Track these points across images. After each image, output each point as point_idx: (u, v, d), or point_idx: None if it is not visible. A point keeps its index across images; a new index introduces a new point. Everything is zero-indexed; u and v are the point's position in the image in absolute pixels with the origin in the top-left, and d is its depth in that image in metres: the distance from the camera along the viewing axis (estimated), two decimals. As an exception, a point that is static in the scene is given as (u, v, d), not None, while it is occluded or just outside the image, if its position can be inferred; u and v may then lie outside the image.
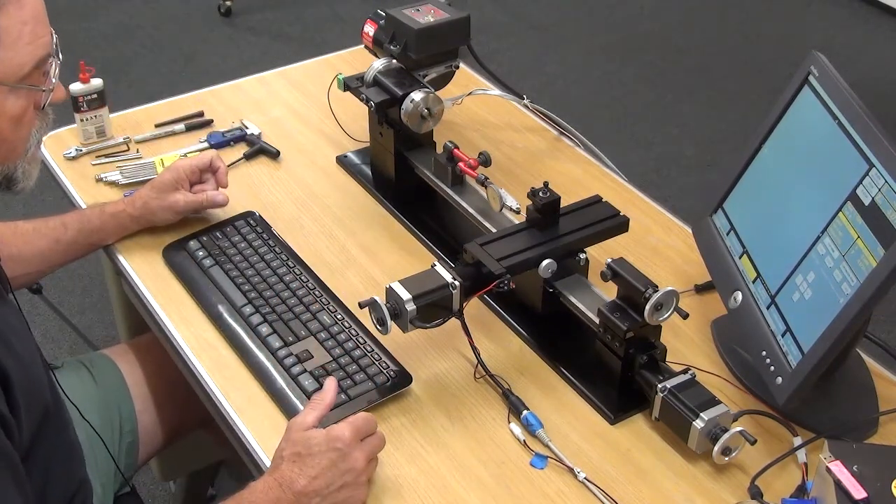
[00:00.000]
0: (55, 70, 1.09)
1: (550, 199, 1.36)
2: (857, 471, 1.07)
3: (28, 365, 1.12)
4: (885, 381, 1.34)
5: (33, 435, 1.13)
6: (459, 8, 1.61)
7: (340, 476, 1.12)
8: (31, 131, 1.10)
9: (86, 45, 3.77)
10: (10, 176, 1.12)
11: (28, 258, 1.46)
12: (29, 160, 1.12)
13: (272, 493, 1.10)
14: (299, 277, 1.46)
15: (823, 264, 1.19)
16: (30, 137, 1.10)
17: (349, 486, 1.12)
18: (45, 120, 1.13)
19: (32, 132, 1.10)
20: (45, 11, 1.06)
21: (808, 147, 1.30)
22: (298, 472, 1.11)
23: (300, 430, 1.14)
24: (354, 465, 1.13)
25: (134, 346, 1.62)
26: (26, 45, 1.03)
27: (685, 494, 1.19)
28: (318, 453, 1.11)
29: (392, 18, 1.60)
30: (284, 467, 1.12)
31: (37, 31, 1.04)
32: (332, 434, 1.12)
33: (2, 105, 1.05)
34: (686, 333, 1.41)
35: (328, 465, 1.11)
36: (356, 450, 1.13)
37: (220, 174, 1.55)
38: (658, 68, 3.75)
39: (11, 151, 1.10)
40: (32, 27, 1.03)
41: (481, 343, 1.35)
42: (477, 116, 1.87)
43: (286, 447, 1.13)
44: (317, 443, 1.12)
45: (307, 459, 1.11)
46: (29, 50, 1.03)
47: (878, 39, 3.97)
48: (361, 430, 1.15)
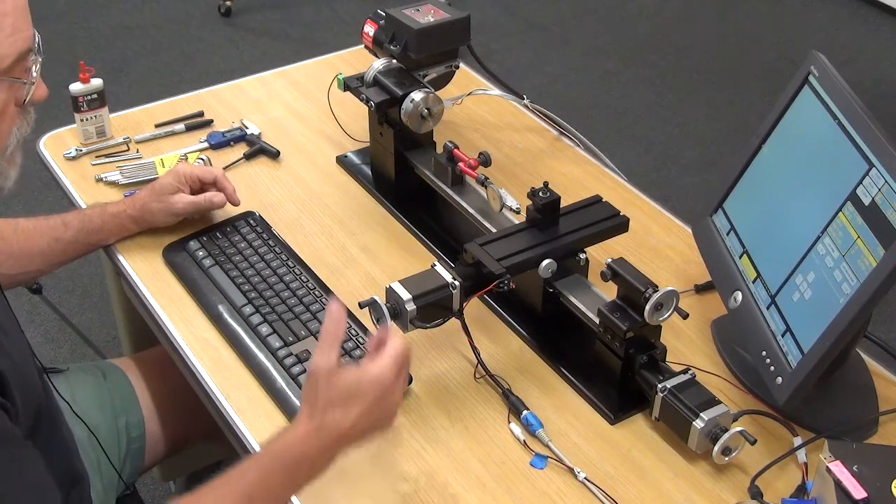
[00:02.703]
0: (37, 66, 1.08)
1: (550, 199, 1.36)
2: (857, 471, 1.07)
3: (20, 363, 1.11)
4: (885, 381, 1.34)
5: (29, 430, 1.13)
6: (459, 8, 1.61)
7: (381, 412, 1.10)
8: (12, 128, 1.09)
9: (86, 45, 3.77)
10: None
11: (28, 256, 1.46)
12: (8, 159, 1.10)
13: (313, 441, 1.07)
14: (299, 277, 1.46)
15: (823, 264, 1.19)
16: (10, 135, 1.09)
17: (387, 418, 1.12)
18: (27, 119, 1.11)
19: (13, 129, 1.09)
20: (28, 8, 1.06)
21: (808, 147, 1.30)
22: (342, 417, 1.07)
23: (329, 375, 1.07)
24: (394, 399, 1.11)
25: (144, 359, 1.62)
26: (7, 36, 1.02)
27: (685, 494, 1.19)
28: (361, 396, 1.07)
29: (392, 18, 1.60)
30: (323, 413, 1.07)
31: (18, 25, 1.03)
32: (372, 375, 1.08)
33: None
34: (686, 333, 1.41)
35: (371, 407, 1.08)
36: (397, 382, 1.10)
37: (229, 193, 1.54)
38: (658, 68, 3.75)
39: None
40: (13, 20, 1.02)
41: (481, 343, 1.35)
42: (477, 116, 1.87)
43: (320, 392, 1.07)
44: (359, 386, 1.07)
45: (351, 403, 1.07)
46: (10, 42, 1.02)
47: (878, 39, 3.97)
48: (397, 366, 1.10)
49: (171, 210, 1.51)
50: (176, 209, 1.51)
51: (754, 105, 3.47)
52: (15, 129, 1.09)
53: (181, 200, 1.51)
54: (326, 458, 1.09)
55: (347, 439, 1.09)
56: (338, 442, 1.09)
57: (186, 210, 1.52)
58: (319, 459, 1.09)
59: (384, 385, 1.09)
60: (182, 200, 1.51)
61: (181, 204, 1.51)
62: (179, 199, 1.51)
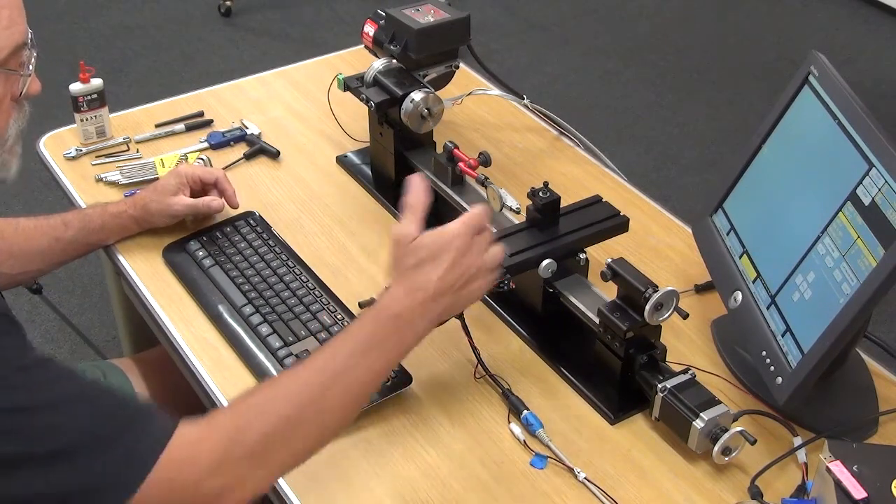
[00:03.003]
0: (32, 60, 1.09)
1: (550, 199, 1.36)
2: (857, 471, 1.07)
3: None
4: (885, 381, 1.34)
5: None
6: (459, 8, 1.61)
7: (464, 271, 1.14)
8: (10, 121, 1.10)
9: (86, 45, 3.77)
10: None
11: (28, 256, 1.46)
12: (8, 150, 1.12)
13: (407, 300, 1.11)
14: (299, 277, 1.46)
15: (823, 264, 1.19)
16: (8, 127, 1.10)
17: (473, 279, 1.15)
18: (22, 112, 1.13)
19: (11, 122, 1.11)
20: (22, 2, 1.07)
21: (808, 147, 1.30)
22: (425, 276, 1.12)
23: (411, 241, 1.13)
24: (474, 259, 1.15)
25: (143, 359, 1.62)
26: (4, 29, 1.03)
27: (685, 494, 1.19)
28: (439, 254, 1.12)
29: (392, 18, 1.60)
30: (410, 275, 1.12)
31: (13, 18, 1.04)
32: (447, 233, 1.14)
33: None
34: (686, 333, 1.41)
35: (452, 263, 1.12)
36: (473, 245, 1.15)
37: (229, 196, 1.55)
38: (658, 68, 3.75)
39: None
40: (9, 12, 1.04)
41: (481, 343, 1.35)
42: (477, 116, 1.87)
43: (405, 259, 1.13)
44: (438, 244, 1.13)
45: (431, 262, 1.12)
46: (6, 34, 1.03)
47: (878, 39, 3.97)
48: (473, 226, 1.15)
49: (169, 211, 1.51)
50: (174, 210, 1.51)
51: (754, 105, 3.47)
52: (12, 121, 1.10)
53: (180, 203, 1.51)
54: (424, 317, 1.12)
55: (437, 301, 1.12)
56: (432, 299, 1.12)
57: (184, 212, 1.52)
58: (417, 318, 1.12)
59: (461, 241, 1.13)
60: (181, 203, 1.51)
61: (179, 206, 1.51)
62: (178, 201, 1.51)
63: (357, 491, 1.19)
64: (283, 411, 1.04)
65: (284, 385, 1.07)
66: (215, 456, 1.00)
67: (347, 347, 1.09)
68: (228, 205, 1.56)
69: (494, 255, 1.19)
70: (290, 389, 1.06)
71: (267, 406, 1.04)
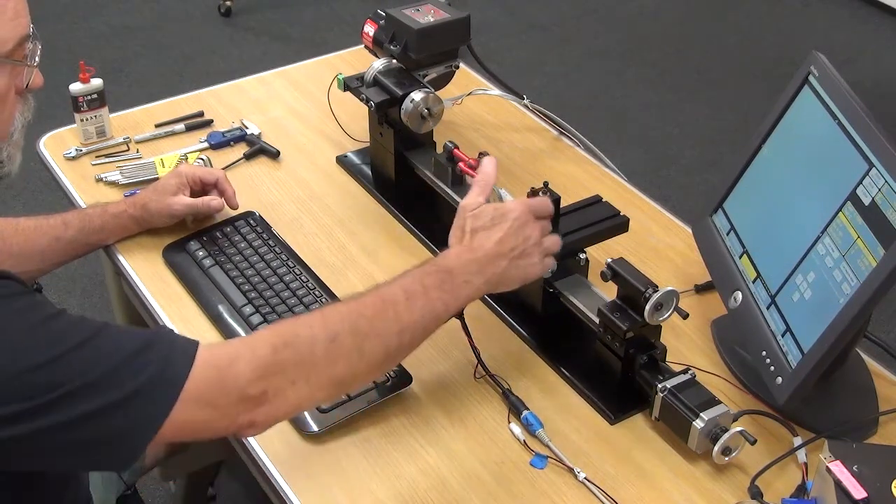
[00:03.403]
0: (37, 51, 1.10)
1: (550, 199, 1.36)
2: (857, 471, 1.07)
3: None
4: (885, 381, 1.34)
5: None
6: (459, 8, 1.61)
7: (522, 242, 1.20)
8: (15, 114, 1.11)
9: (86, 45, 3.77)
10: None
11: (28, 256, 1.46)
12: (13, 144, 1.12)
13: (464, 256, 1.17)
14: (299, 277, 1.46)
15: (823, 264, 1.19)
16: (13, 120, 1.11)
17: (529, 254, 1.21)
18: (27, 105, 1.14)
19: (16, 115, 1.11)
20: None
21: (808, 147, 1.30)
22: (485, 237, 1.18)
23: (476, 207, 1.21)
24: (531, 233, 1.21)
25: None
26: (10, 20, 1.04)
27: (685, 494, 1.19)
28: (498, 222, 1.19)
29: (392, 18, 1.60)
30: (469, 238, 1.19)
31: (18, 10, 1.05)
32: (506, 206, 1.21)
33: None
34: (686, 333, 1.41)
35: (509, 232, 1.19)
36: (530, 222, 1.21)
37: (229, 197, 1.56)
38: (658, 68, 3.75)
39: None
40: (14, 4, 1.05)
41: (481, 343, 1.35)
42: (477, 116, 1.87)
43: (466, 224, 1.20)
44: (495, 213, 1.20)
45: (490, 228, 1.19)
46: (12, 26, 1.04)
47: (878, 39, 3.97)
48: (534, 207, 1.23)
49: (168, 211, 1.51)
50: (173, 210, 1.51)
51: (754, 105, 3.47)
52: (18, 114, 1.12)
53: (179, 202, 1.51)
54: (477, 277, 1.17)
55: (493, 263, 1.18)
56: (487, 260, 1.18)
57: (184, 212, 1.52)
58: (471, 275, 1.17)
59: (521, 213, 1.21)
60: (180, 202, 1.51)
61: (179, 206, 1.51)
62: (178, 200, 1.51)
63: (357, 491, 1.19)
64: (325, 336, 1.06)
65: (335, 307, 1.10)
66: (254, 363, 1.02)
67: (398, 286, 1.12)
68: (228, 205, 1.56)
69: (552, 241, 1.24)
70: (341, 311, 1.09)
71: (314, 326, 1.06)
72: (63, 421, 0.93)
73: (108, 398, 0.94)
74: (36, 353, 0.93)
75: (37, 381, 0.93)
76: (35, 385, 0.92)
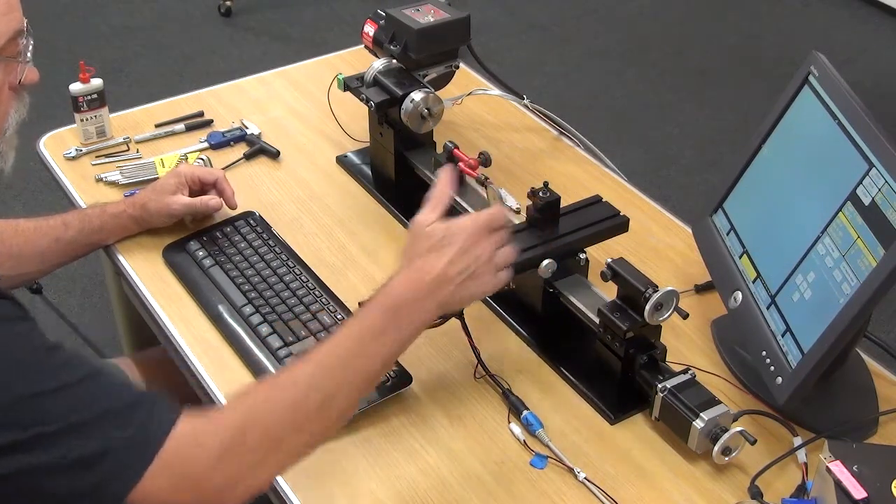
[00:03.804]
0: (29, 48, 1.09)
1: (550, 199, 1.36)
2: (857, 471, 1.07)
3: None
4: (885, 381, 1.34)
5: None
6: (459, 8, 1.61)
7: (471, 263, 1.15)
8: (9, 110, 1.10)
9: (86, 45, 3.76)
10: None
11: (28, 257, 1.46)
12: (6, 142, 1.12)
13: (411, 284, 1.13)
14: (299, 277, 1.46)
15: (823, 264, 1.19)
16: (8, 116, 1.10)
17: (479, 274, 1.16)
18: (22, 102, 1.13)
19: (10, 112, 1.11)
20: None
21: (808, 147, 1.30)
22: (434, 260, 1.13)
23: (426, 226, 1.16)
24: (483, 252, 1.16)
25: (143, 359, 1.62)
26: (2, 15, 1.04)
27: (685, 494, 1.19)
28: (448, 243, 1.14)
29: (392, 18, 1.60)
30: (417, 260, 1.14)
31: (11, 4, 1.05)
32: (458, 224, 1.16)
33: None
34: (686, 333, 1.41)
35: (459, 253, 1.14)
36: (483, 239, 1.16)
37: (227, 197, 1.56)
38: (658, 68, 3.75)
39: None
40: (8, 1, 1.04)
41: (481, 343, 1.35)
42: (477, 116, 1.87)
43: (416, 245, 1.16)
44: (448, 233, 1.15)
45: (438, 249, 1.14)
46: (5, 21, 1.04)
47: (878, 39, 3.97)
48: (487, 221, 1.17)
49: (167, 210, 1.51)
50: (172, 209, 1.51)
51: (754, 105, 3.47)
52: (12, 111, 1.11)
53: (178, 202, 1.51)
54: (426, 302, 1.13)
55: (443, 286, 1.13)
56: (436, 287, 1.13)
57: (182, 212, 1.52)
58: (420, 303, 1.13)
59: (471, 232, 1.15)
60: (179, 202, 1.51)
61: (177, 205, 1.51)
62: (176, 200, 1.51)
63: (357, 491, 1.19)
64: (288, 404, 1.04)
65: (289, 379, 1.07)
66: (222, 446, 1.00)
67: (350, 337, 1.10)
68: (227, 205, 1.56)
69: (505, 255, 1.19)
70: (296, 382, 1.06)
71: (272, 398, 1.05)
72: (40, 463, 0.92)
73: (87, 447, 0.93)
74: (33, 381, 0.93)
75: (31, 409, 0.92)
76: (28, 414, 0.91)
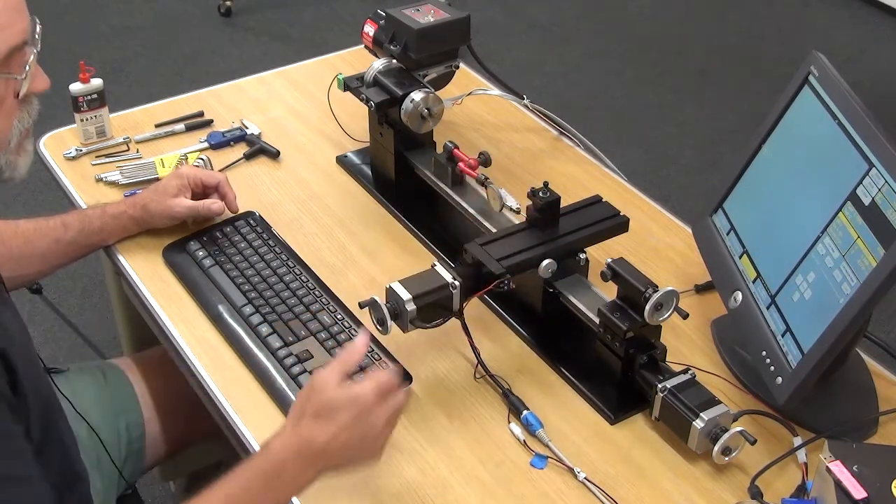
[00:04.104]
0: (32, 59, 1.08)
1: (550, 199, 1.36)
2: (857, 471, 1.07)
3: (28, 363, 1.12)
4: (885, 381, 1.34)
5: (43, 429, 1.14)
6: (459, 8, 1.61)
7: (360, 435, 1.10)
8: (12, 121, 1.09)
9: (86, 45, 3.76)
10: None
11: (28, 258, 1.46)
12: (14, 151, 1.10)
13: (291, 451, 1.09)
14: (299, 277, 1.46)
15: (823, 264, 1.19)
16: (11, 128, 1.09)
17: (368, 445, 1.12)
18: (30, 109, 1.11)
19: (14, 122, 1.09)
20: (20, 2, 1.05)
21: (808, 147, 1.30)
22: (319, 430, 1.09)
23: (319, 388, 1.11)
24: (375, 423, 1.11)
25: (144, 359, 1.62)
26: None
27: (685, 494, 1.19)
28: (339, 411, 1.09)
29: (392, 18, 1.60)
30: (304, 424, 1.10)
31: (8, 20, 1.02)
32: (354, 392, 1.10)
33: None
34: (686, 333, 1.41)
35: (349, 424, 1.09)
36: (377, 408, 1.11)
37: (229, 201, 1.55)
38: (658, 68, 3.75)
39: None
40: (4, 18, 1.02)
41: (481, 343, 1.35)
42: (477, 116, 1.87)
43: (307, 403, 1.11)
44: (338, 400, 1.10)
45: (328, 417, 1.09)
46: (1, 38, 1.02)
47: (878, 39, 3.97)
48: (384, 388, 1.12)
49: (169, 213, 1.51)
50: (174, 212, 1.51)
51: (754, 105, 3.47)
52: (15, 121, 1.09)
53: (180, 205, 1.50)
54: (306, 473, 1.10)
55: (326, 457, 1.10)
56: (318, 457, 1.09)
57: (185, 215, 1.52)
58: (299, 473, 1.09)
59: (361, 406, 1.10)
60: (181, 205, 1.51)
61: (180, 208, 1.51)
62: (179, 203, 1.50)
63: (357, 491, 1.19)
64: None
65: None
66: None
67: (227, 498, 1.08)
68: (228, 209, 1.56)
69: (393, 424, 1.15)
70: None
71: None
72: None
73: None
74: None
75: None
76: None
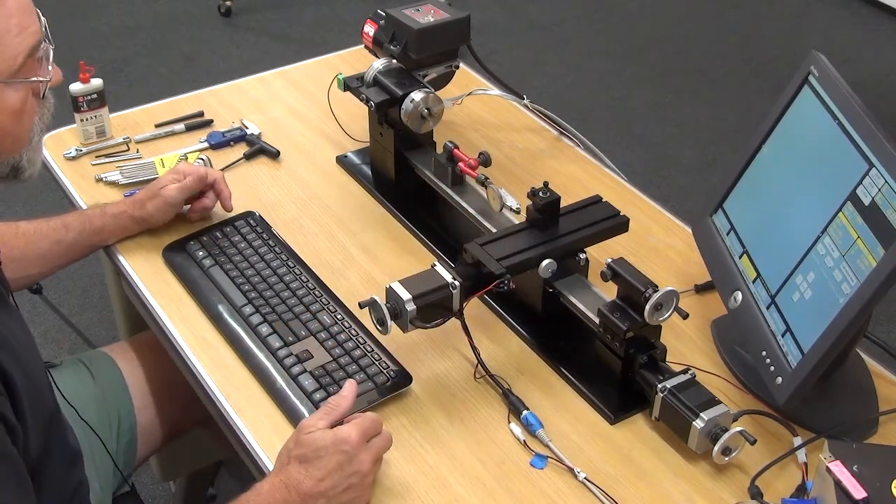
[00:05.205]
0: (50, 56, 1.09)
1: (550, 199, 1.36)
2: (857, 471, 1.07)
3: (32, 371, 1.12)
4: (885, 381, 1.34)
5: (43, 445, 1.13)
6: (459, 8, 1.61)
7: (346, 478, 1.12)
8: (34, 120, 1.11)
9: (86, 45, 3.77)
10: (16, 165, 1.13)
11: (29, 259, 1.46)
12: (32, 149, 1.13)
13: (278, 495, 1.10)
14: (299, 277, 1.46)
15: (823, 264, 1.19)
16: (32, 126, 1.11)
17: (354, 487, 1.13)
18: (46, 105, 1.14)
19: (35, 120, 1.11)
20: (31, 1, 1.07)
21: (808, 147, 1.30)
22: (305, 474, 1.11)
23: (306, 433, 1.14)
24: (360, 467, 1.13)
25: (133, 343, 1.62)
26: (14, 37, 1.03)
27: (685, 494, 1.19)
28: (325, 455, 1.11)
29: (392, 18, 1.60)
30: (291, 468, 1.12)
31: (23, 23, 1.05)
32: (338, 436, 1.13)
33: (1, 101, 1.05)
34: (686, 333, 1.41)
35: (335, 468, 1.11)
36: (362, 451, 1.13)
37: (224, 198, 1.55)
38: (658, 68, 3.75)
39: (17, 142, 1.11)
40: (18, 19, 1.04)
41: (481, 343, 1.35)
42: (477, 116, 1.87)
43: (294, 448, 1.13)
44: (324, 445, 1.12)
45: (314, 461, 1.11)
46: (18, 41, 1.04)
47: (878, 39, 3.97)
48: (368, 432, 1.15)
49: (163, 201, 1.50)
50: (168, 198, 1.50)
51: (754, 105, 3.47)
52: (36, 118, 1.12)
53: (170, 189, 1.50)
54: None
55: (313, 501, 1.11)
56: (303, 500, 1.10)
57: (177, 197, 1.51)
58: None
59: (346, 450, 1.12)
60: (171, 188, 1.50)
61: (170, 192, 1.50)
62: (169, 188, 1.50)
63: (357, 491, 1.19)
64: None
65: None
66: None
67: None
68: (223, 207, 1.56)
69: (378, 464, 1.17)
70: None
71: None
72: None
73: None
74: None
75: None
76: None
